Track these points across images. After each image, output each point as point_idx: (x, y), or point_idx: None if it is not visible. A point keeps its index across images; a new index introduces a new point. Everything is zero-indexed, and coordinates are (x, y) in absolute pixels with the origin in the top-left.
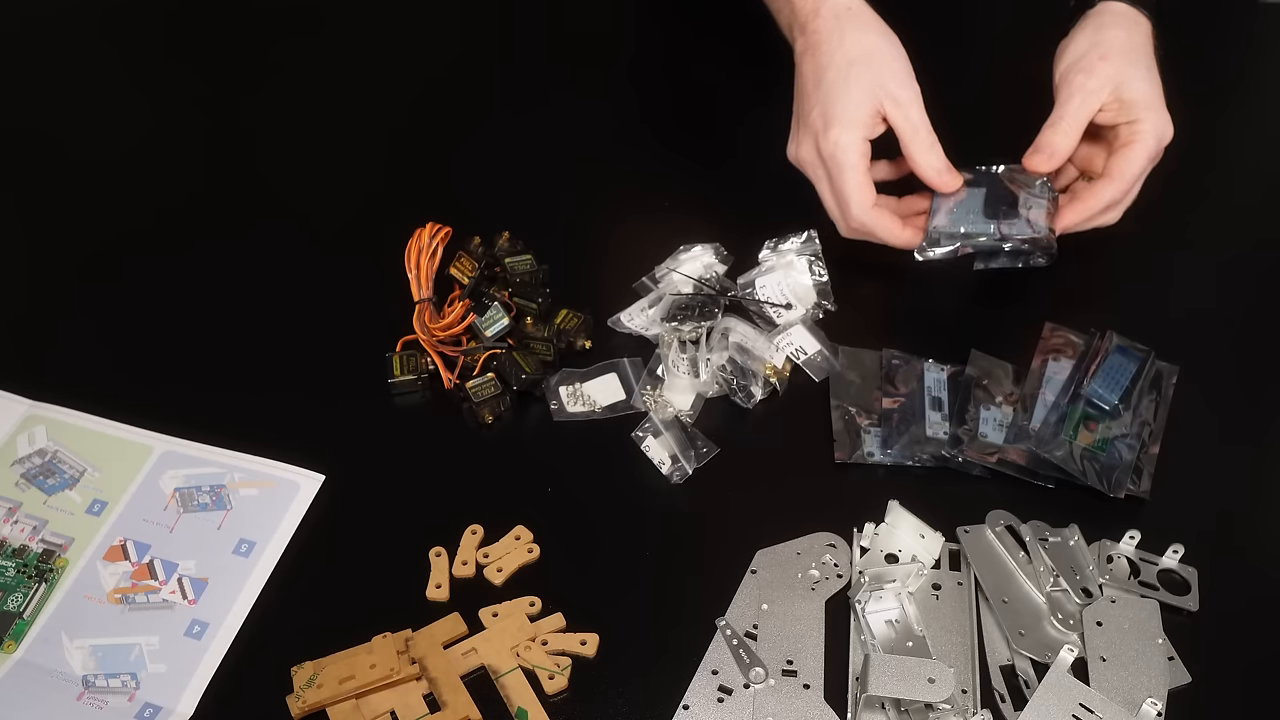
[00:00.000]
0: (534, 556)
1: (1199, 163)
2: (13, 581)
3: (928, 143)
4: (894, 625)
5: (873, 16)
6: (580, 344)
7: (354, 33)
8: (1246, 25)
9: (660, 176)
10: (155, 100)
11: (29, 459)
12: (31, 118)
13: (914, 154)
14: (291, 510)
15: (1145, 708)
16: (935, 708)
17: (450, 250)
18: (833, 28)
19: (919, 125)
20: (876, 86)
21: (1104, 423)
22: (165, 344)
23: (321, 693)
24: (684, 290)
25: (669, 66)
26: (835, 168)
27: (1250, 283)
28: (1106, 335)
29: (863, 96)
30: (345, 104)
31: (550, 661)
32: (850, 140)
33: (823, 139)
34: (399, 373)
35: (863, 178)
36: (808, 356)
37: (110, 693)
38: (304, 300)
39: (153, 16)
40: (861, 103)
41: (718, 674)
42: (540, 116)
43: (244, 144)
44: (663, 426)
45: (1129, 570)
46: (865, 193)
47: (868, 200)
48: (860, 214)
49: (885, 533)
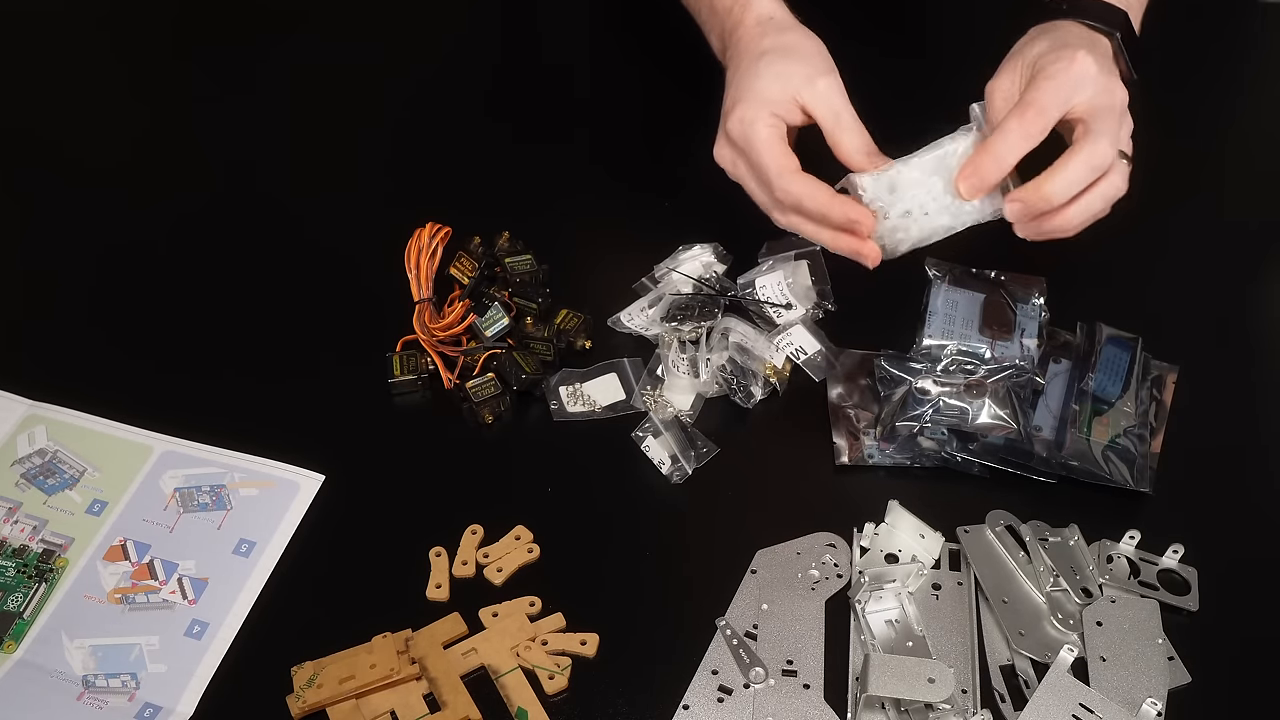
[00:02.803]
0: (534, 556)
1: (1199, 162)
2: (13, 581)
3: (850, 125)
4: (894, 625)
5: (793, 22)
6: (580, 344)
7: (354, 33)
8: (1246, 25)
9: (660, 176)
10: (155, 100)
11: (29, 459)
12: (30, 118)
13: (836, 137)
14: (291, 510)
15: (1145, 708)
16: (935, 708)
17: (450, 250)
18: (755, 34)
19: (840, 109)
20: (789, 74)
21: (1113, 416)
22: (165, 344)
23: (321, 693)
24: (684, 290)
25: (669, 66)
26: (746, 144)
27: (1250, 282)
28: (1097, 328)
29: (771, 80)
30: (345, 104)
31: (550, 661)
32: (756, 114)
33: (730, 121)
34: (399, 373)
35: (779, 146)
36: (808, 356)
37: (110, 693)
38: (304, 300)
39: (153, 16)
40: (769, 84)
41: (718, 674)
42: (540, 116)
43: (244, 144)
44: (663, 426)
45: (1129, 570)
46: (785, 159)
47: (788, 165)
48: (783, 182)
49: (885, 533)
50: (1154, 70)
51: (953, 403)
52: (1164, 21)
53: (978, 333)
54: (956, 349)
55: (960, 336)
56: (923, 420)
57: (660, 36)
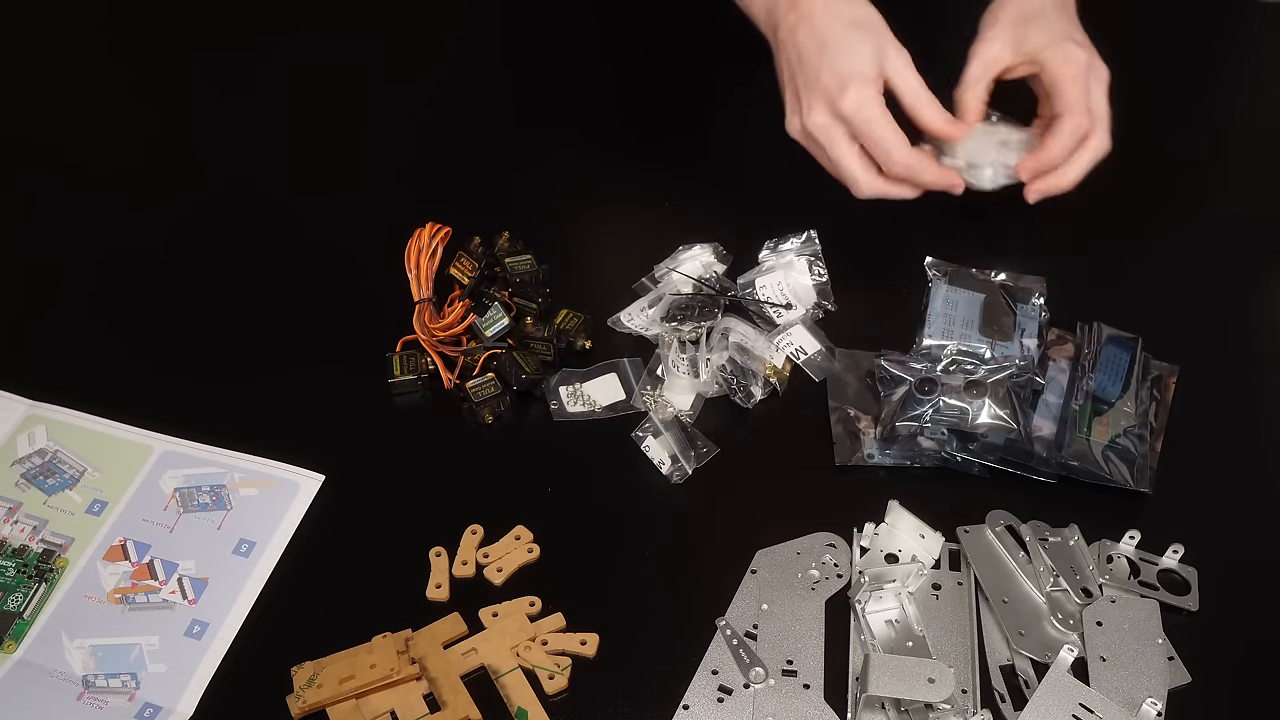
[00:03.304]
0: (534, 556)
1: (1198, 162)
2: (13, 581)
3: (928, 98)
4: (894, 625)
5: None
6: (580, 344)
7: (354, 33)
8: (1246, 25)
9: (660, 176)
10: (155, 102)
11: (29, 459)
12: (31, 120)
13: (920, 111)
14: (291, 510)
15: (1145, 708)
16: (935, 708)
17: (450, 250)
18: (828, 5)
19: (918, 85)
20: (878, 49)
21: (1113, 416)
22: (165, 344)
23: (321, 693)
24: (684, 290)
25: (670, 66)
26: (863, 121)
27: (1250, 282)
28: (1096, 328)
29: (869, 55)
30: (345, 104)
31: (550, 661)
32: (871, 94)
33: (841, 99)
34: (399, 373)
35: (894, 123)
36: (808, 356)
37: (110, 693)
38: (304, 300)
39: (153, 19)
40: (870, 62)
41: (718, 674)
42: (540, 116)
43: (244, 145)
44: (663, 426)
45: (1129, 570)
46: (902, 135)
47: (906, 141)
48: (905, 156)
49: (885, 533)
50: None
51: (953, 403)
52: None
53: (978, 333)
54: (956, 349)
55: (960, 336)
56: (923, 420)
57: (662, 36)
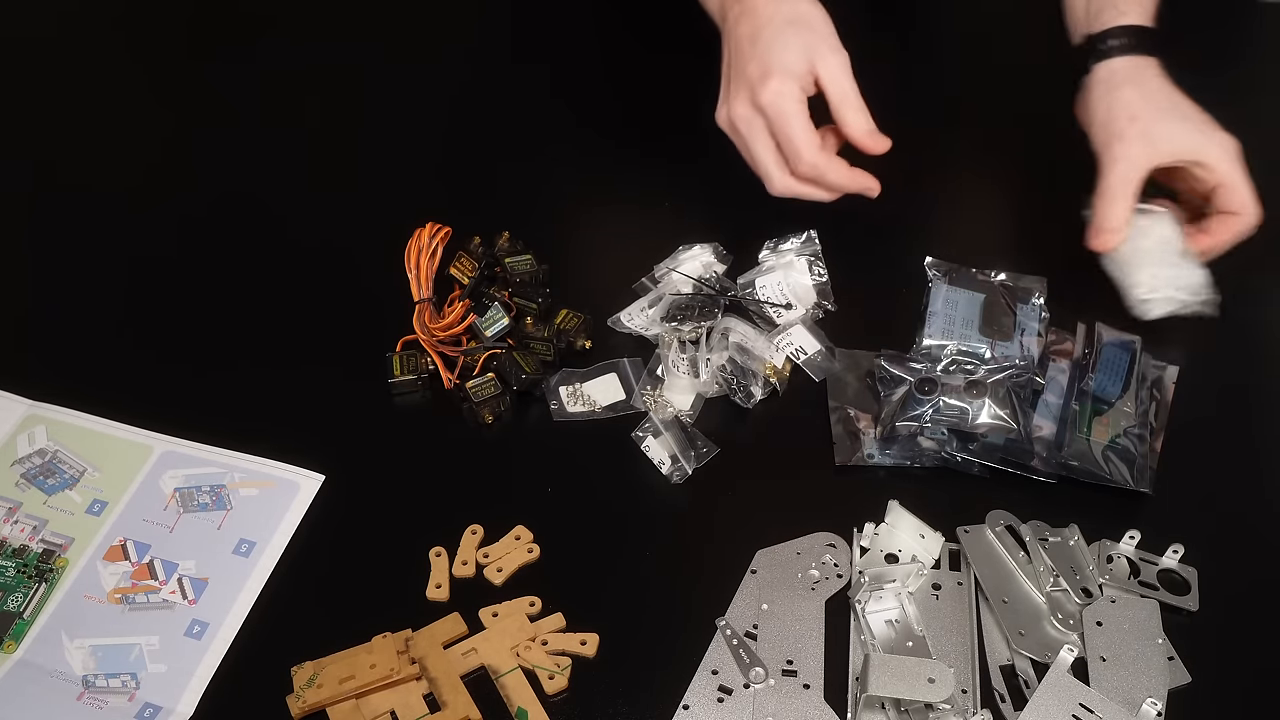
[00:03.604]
0: (534, 556)
1: None
2: (13, 581)
3: (856, 104)
4: (894, 625)
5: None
6: (580, 344)
7: (355, 33)
8: (1246, 25)
9: (660, 176)
10: (155, 103)
11: (29, 459)
12: (32, 121)
13: (844, 115)
14: (291, 510)
15: (1145, 708)
16: (935, 708)
17: (450, 250)
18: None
19: (849, 89)
20: (810, 47)
21: (1113, 416)
22: (165, 343)
23: (321, 693)
24: (684, 290)
25: (670, 66)
26: (777, 114)
27: (1250, 282)
28: (1096, 328)
29: (799, 52)
30: (346, 104)
31: (550, 661)
32: (791, 89)
33: (760, 89)
34: (399, 373)
35: (808, 121)
36: (807, 356)
37: (110, 693)
38: (304, 300)
39: (154, 20)
40: (799, 58)
41: (718, 674)
42: (540, 117)
43: (244, 145)
44: (663, 426)
45: (1129, 570)
46: (813, 134)
47: (816, 141)
48: (812, 156)
49: (885, 533)
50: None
51: (953, 403)
52: (1164, 22)
53: (978, 333)
54: (956, 349)
55: (960, 336)
56: (923, 420)
57: (661, 36)
